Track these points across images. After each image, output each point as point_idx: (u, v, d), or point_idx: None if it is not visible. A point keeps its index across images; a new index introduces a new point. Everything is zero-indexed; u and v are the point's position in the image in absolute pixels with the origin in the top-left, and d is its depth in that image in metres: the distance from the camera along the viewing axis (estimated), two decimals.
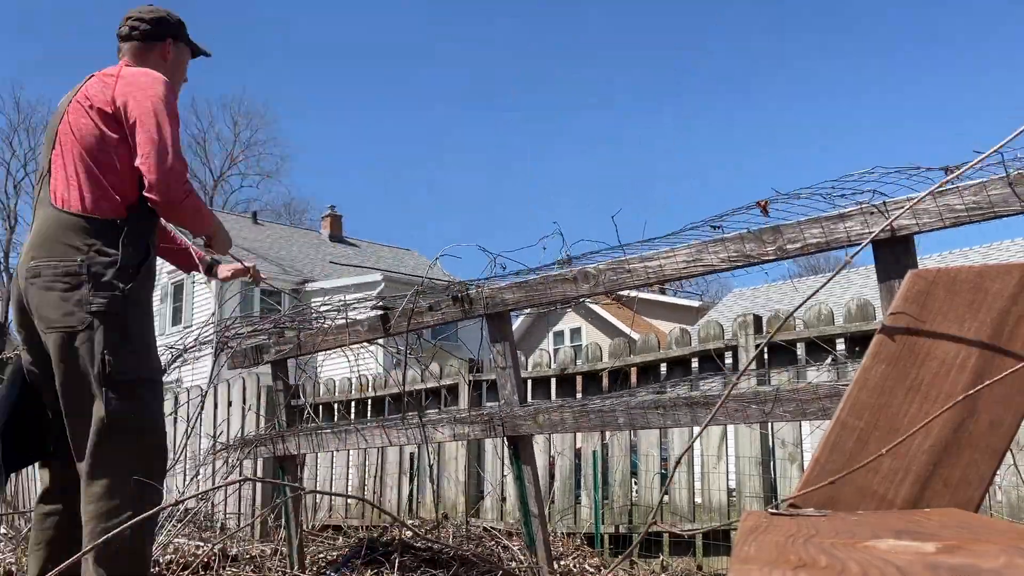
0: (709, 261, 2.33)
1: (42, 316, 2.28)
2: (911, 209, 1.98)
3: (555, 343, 22.45)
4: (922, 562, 0.59)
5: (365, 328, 3.40)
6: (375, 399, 6.00)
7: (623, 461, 4.72)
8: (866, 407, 1.19)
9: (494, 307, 2.90)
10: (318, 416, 6.23)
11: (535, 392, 4.99)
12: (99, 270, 2.25)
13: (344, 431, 3.50)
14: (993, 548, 0.64)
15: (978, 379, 1.15)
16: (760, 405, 2.28)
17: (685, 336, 4.36)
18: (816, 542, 0.73)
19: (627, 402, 2.63)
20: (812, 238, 2.14)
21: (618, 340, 4.70)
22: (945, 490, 1.13)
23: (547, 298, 2.76)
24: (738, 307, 17.60)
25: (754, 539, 0.79)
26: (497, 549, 4.09)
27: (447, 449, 5.69)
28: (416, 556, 3.81)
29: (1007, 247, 15.54)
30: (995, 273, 1.18)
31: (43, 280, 2.27)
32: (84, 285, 2.24)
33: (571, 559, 4.12)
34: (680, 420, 2.49)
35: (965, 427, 1.15)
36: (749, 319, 4.13)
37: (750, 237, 2.25)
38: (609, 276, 2.57)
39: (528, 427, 2.84)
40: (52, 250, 2.28)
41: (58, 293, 2.25)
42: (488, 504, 5.38)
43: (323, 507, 6.54)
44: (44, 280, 2.27)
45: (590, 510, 4.78)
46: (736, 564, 0.66)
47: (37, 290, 2.29)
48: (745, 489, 4.11)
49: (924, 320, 1.20)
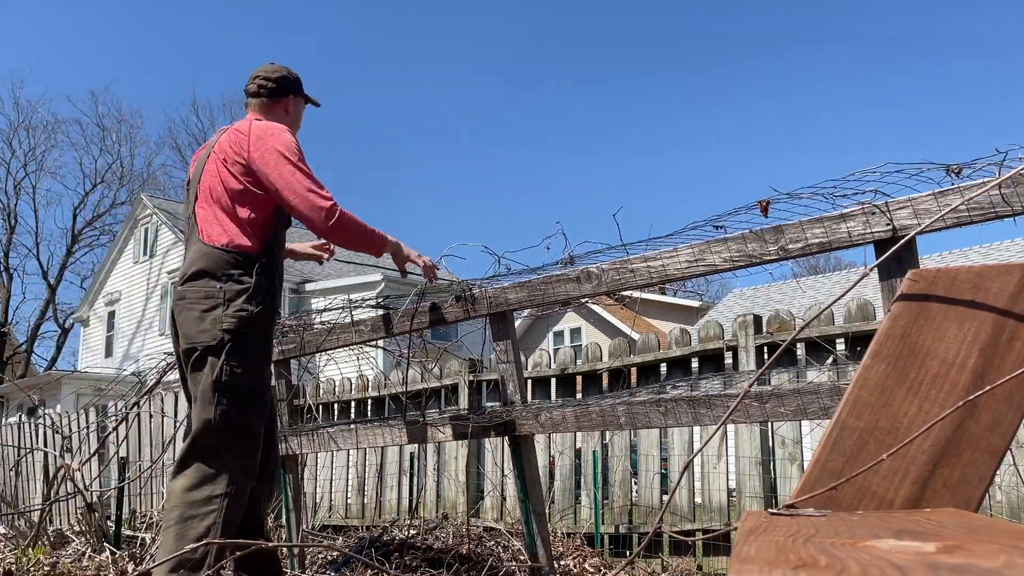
0: (712, 261, 2.33)
1: (184, 332, 2.65)
2: (912, 209, 1.99)
3: (555, 343, 22.45)
4: (922, 562, 0.60)
5: (368, 328, 3.40)
6: (375, 399, 6.00)
7: (623, 461, 4.72)
8: (866, 407, 1.19)
9: (497, 307, 2.90)
10: (319, 416, 6.23)
11: (535, 392, 4.99)
12: (233, 296, 2.61)
13: (346, 430, 3.50)
14: (993, 548, 0.64)
15: (978, 379, 1.16)
16: (761, 403, 2.28)
17: (685, 336, 4.37)
18: (816, 542, 0.73)
19: (628, 401, 2.64)
20: (814, 238, 2.14)
21: (618, 340, 4.70)
22: (945, 490, 1.13)
23: (550, 298, 2.76)
24: (738, 307, 17.61)
25: (754, 539, 0.79)
26: (497, 549, 4.09)
27: (447, 449, 5.69)
28: (416, 556, 3.81)
29: (1007, 247, 15.53)
30: (995, 273, 1.19)
31: (187, 302, 2.65)
32: (219, 307, 2.60)
33: (571, 559, 4.13)
34: (681, 419, 2.49)
35: (965, 427, 1.15)
36: (749, 319, 4.13)
37: (752, 237, 2.25)
38: (612, 276, 2.57)
39: (530, 426, 2.84)
40: (197, 277, 2.66)
41: (198, 313, 2.61)
42: (488, 504, 5.38)
43: (323, 507, 6.55)
44: (188, 302, 2.65)
45: (590, 510, 4.78)
46: (736, 564, 0.66)
47: (181, 310, 2.67)
48: (745, 489, 4.11)
49: (924, 320, 1.20)
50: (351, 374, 6.54)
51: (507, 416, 2.89)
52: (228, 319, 2.58)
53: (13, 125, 32.96)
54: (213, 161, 2.77)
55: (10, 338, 30.77)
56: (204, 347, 2.58)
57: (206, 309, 2.60)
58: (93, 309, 25.37)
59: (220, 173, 2.72)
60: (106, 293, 24.86)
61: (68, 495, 5.45)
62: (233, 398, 2.56)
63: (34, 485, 7.66)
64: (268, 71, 2.95)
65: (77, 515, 5.64)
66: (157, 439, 6.87)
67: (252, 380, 2.63)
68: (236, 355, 2.58)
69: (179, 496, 2.52)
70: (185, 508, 2.49)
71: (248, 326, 2.60)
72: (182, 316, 2.66)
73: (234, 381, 2.57)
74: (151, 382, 4.69)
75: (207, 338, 2.58)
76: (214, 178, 2.73)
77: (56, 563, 3.90)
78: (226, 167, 2.71)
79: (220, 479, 2.53)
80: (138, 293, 23.47)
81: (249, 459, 2.63)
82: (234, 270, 2.64)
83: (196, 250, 2.71)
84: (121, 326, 23.87)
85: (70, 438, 6.65)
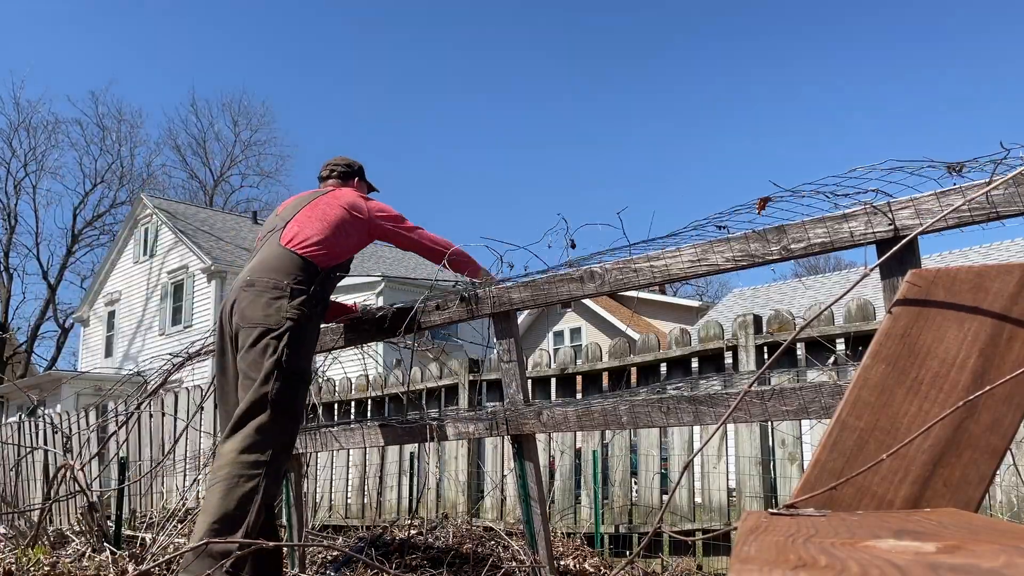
0: (714, 261, 2.33)
1: (245, 315, 2.94)
2: (914, 209, 1.99)
3: (555, 343, 22.44)
4: (922, 562, 0.60)
5: (371, 328, 3.40)
6: (375, 399, 6.00)
7: (623, 461, 4.72)
8: (866, 407, 1.19)
9: (500, 306, 2.90)
10: (319, 415, 6.22)
11: (535, 392, 4.99)
12: (297, 293, 2.96)
13: (348, 430, 3.50)
14: (993, 548, 0.64)
15: (978, 379, 1.16)
16: (762, 401, 2.28)
17: (685, 336, 4.36)
18: (816, 542, 0.73)
19: (630, 400, 2.63)
20: (817, 238, 2.14)
21: (618, 340, 4.70)
22: (945, 490, 1.13)
23: (553, 297, 2.76)
24: (738, 307, 17.60)
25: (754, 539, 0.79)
26: (497, 548, 4.08)
27: (447, 449, 5.69)
28: (416, 555, 3.81)
29: (1007, 247, 15.53)
30: (995, 273, 1.19)
31: (256, 289, 2.97)
32: (285, 299, 2.93)
33: (571, 559, 4.12)
34: (683, 418, 2.49)
35: (965, 427, 1.15)
36: (749, 319, 4.13)
37: (755, 237, 2.25)
38: (615, 276, 2.57)
39: (532, 426, 2.84)
40: (268, 270, 3.01)
41: (265, 300, 2.93)
42: (488, 503, 5.38)
43: (323, 506, 6.55)
44: (256, 289, 2.96)
45: (590, 510, 4.78)
46: (736, 564, 0.66)
47: (248, 295, 2.97)
48: (745, 489, 4.11)
49: (924, 320, 1.20)
50: (354, 374, 6.54)
51: (509, 415, 2.89)
52: (292, 310, 2.91)
53: (13, 125, 32.96)
54: (329, 196, 3.30)
55: (10, 338, 30.76)
56: (266, 328, 2.87)
57: (273, 298, 2.93)
58: (93, 309, 25.37)
59: (333, 203, 3.24)
60: (106, 293, 24.86)
61: (68, 495, 5.45)
62: (288, 379, 2.84)
63: (34, 485, 7.67)
64: (339, 161, 3.55)
65: (77, 515, 5.64)
66: (157, 439, 6.87)
67: (304, 367, 2.93)
68: (294, 343, 2.88)
69: (229, 456, 2.74)
70: (234, 467, 2.71)
71: (305, 320, 2.93)
72: (248, 300, 2.96)
73: (291, 364, 2.85)
74: (154, 384, 4.68)
75: (271, 322, 2.88)
76: (331, 208, 3.22)
77: (56, 563, 3.90)
78: (339, 201, 3.24)
79: (267, 449, 2.76)
80: (138, 293, 23.47)
81: (291, 437, 2.88)
82: (301, 274, 3.00)
83: (273, 249, 3.09)
84: (121, 326, 23.87)
85: (70, 437, 6.65)
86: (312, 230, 3.13)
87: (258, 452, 2.74)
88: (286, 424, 2.85)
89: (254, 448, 2.75)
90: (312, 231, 3.13)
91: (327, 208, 3.23)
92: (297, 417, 2.93)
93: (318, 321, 3.10)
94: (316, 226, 3.15)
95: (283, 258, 3.05)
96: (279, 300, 2.93)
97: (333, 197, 3.29)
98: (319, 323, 3.14)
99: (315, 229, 3.13)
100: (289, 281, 2.97)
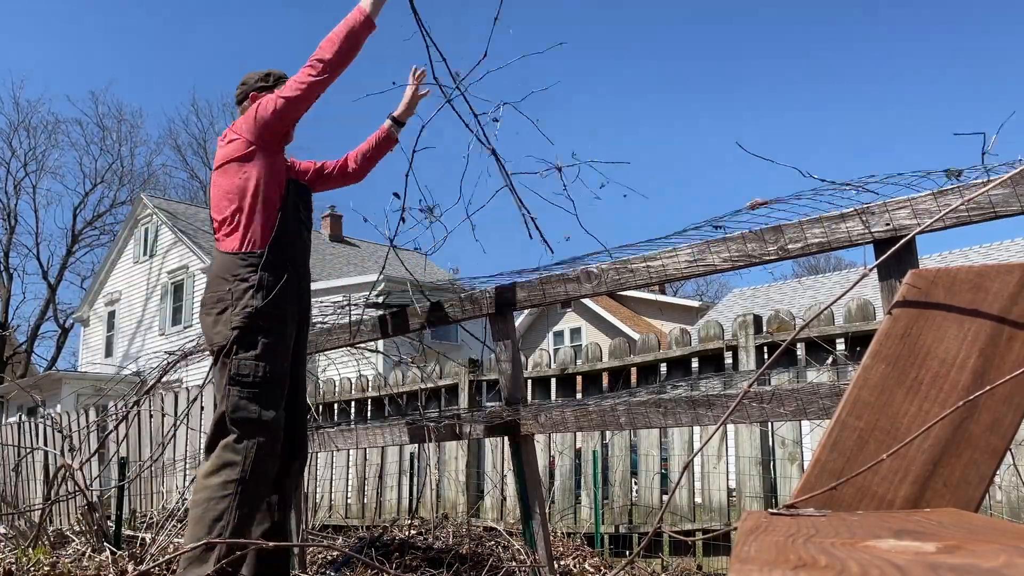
0: (711, 261, 2.33)
1: (206, 337, 2.81)
2: (912, 209, 1.99)
3: (555, 343, 22.44)
4: (922, 562, 0.60)
5: (368, 328, 3.40)
6: (375, 399, 6.00)
7: (623, 461, 4.72)
8: (866, 407, 1.19)
9: (498, 306, 2.90)
10: (319, 416, 6.23)
11: (535, 392, 4.99)
12: (239, 295, 2.72)
13: (348, 430, 3.50)
14: (993, 548, 0.64)
15: (978, 379, 1.16)
16: (761, 403, 2.28)
17: (685, 336, 4.36)
18: (816, 542, 0.73)
19: (628, 401, 2.64)
20: (814, 238, 2.14)
21: (618, 340, 4.70)
22: (945, 490, 1.13)
23: (550, 298, 2.76)
24: (738, 307, 17.60)
25: (754, 539, 0.79)
26: (497, 549, 4.08)
27: (447, 449, 5.69)
28: (416, 555, 3.81)
29: (1007, 247, 15.53)
30: (995, 273, 1.19)
31: (204, 309, 2.80)
32: (229, 308, 2.72)
33: (571, 559, 4.12)
34: (682, 419, 2.49)
35: (965, 427, 1.15)
36: (749, 319, 4.13)
37: (752, 237, 2.25)
38: (612, 276, 2.57)
39: (531, 426, 2.84)
40: (211, 283, 2.80)
41: (211, 319, 2.76)
42: (488, 504, 5.38)
43: (323, 507, 6.55)
44: (205, 309, 2.79)
45: (590, 510, 4.78)
46: (736, 564, 0.66)
47: (201, 316, 2.82)
48: (745, 489, 4.11)
49: (924, 320, 1.20)
50: (350, 374, 6.54)
51: (508, 416, 2.89)
52: (236, 318, 2.70)
53: (13, 125, 32.99)
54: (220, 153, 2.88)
55: (10, 338, 30.75)
56: (218, 347, 2.72)
57: (219, 312, 2.73)
58: (93, 309, 25.37)
59: (223, 158, 2.84)
60: (106, 293, 24.86)
61: (68, 495, 5.45)
62: (243, 389, 2.68)
63: (34, 485, 7.66)
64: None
65: (77, 515, 5.64)
66: (157, 438, 6.87)
67: (265, 371, 2.72)
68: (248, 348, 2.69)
69: (200, 481, 2.68)
70: (204, 492, 2.65)
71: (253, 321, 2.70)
72: (202, 323, 2.82)
73: (244, 372, 2.68)
74: (151, 381, 4.69)
75: (220, 339, 2.72)
76: (223, 164, 2.84)
77: (56, 563, 3.90)
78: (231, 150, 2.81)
79: (235, 467, 2.66)
80: (138, 293, 23.47)
81: (267, 447, 2.71)
82: (239, 269, 2.73)
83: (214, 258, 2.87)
84: (121, 326, 23.87)
85: (71, 437, 6.65)
86: (221, 210, 2.80)
87: (226, 472, 2.65)
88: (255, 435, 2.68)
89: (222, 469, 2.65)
90: (222, 211, 2.80)
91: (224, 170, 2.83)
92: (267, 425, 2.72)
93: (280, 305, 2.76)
94: (222, 202, 2.80)
95: (220, 262, 2.80)
96: (224, 313, 2.72)
97: (221, 150, 2.87)
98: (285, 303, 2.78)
99: (223, 206, 2.80)
100: (231, 286, 2.73)
